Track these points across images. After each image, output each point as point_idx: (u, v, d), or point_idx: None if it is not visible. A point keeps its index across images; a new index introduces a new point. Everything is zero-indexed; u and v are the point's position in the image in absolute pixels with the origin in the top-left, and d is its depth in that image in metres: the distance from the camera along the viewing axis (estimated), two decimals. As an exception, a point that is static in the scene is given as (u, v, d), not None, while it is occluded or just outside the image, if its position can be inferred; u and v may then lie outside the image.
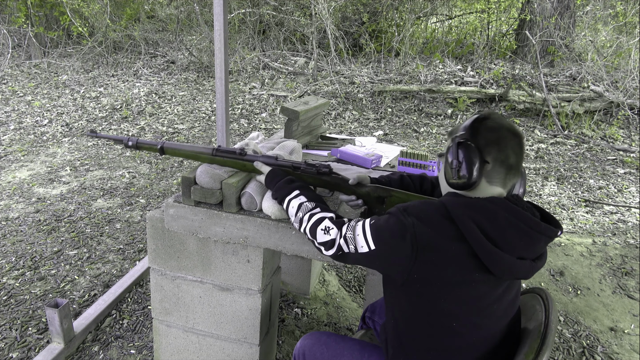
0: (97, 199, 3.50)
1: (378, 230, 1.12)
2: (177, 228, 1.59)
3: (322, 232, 1.23)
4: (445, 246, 1.04)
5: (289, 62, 7.08)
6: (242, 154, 1.49)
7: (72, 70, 6.68)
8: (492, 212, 1.04)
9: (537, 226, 1.04)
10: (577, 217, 3.62)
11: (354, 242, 1.17)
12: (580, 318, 2.50)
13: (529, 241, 1.05)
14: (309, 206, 1.30)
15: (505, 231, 1.03)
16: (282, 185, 1.37)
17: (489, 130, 1.09)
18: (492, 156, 1.08)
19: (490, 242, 1.02)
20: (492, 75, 6.22)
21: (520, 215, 1.04)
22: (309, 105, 2.16)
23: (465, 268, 1.05)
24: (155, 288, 1.80)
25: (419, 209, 1.09)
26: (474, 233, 1.02)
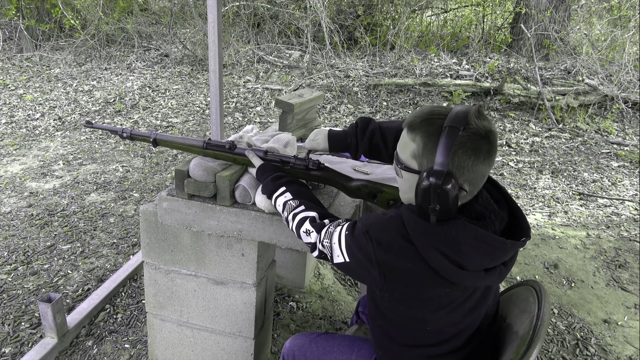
0: (90, 193, 3.47)
1: (350, 244, 1.09)
2: (170, 222, 1.57)
3: (304, 234, 1.22)
4: (409, 268, 1.01)
5: (284, 56, 7.04)
6: (231, 148, 1.47)
7: (64, 64, 6.61)
8: (454, 239, 0.97)
9: (503, 245, 0.99)
10: (572, 210, 3.63)
11: (330, 250, 1.15)
12: (574, 310, 2.51)
13: (495, 258, 1.01)
14: (292, 205, 1.27)
15: (470, 255, 0.98)
16: (269, 182, 1.34)
17: (467, 154, 0.96)
18: (469, 181, 1.00)
19: (454, 265, 0.98)
20: (487, 68, 6.21)
21: (485, 238, 0.97)
22: (303, 98, 2.14)
23: (433, 285, 1.03)
24: (148, 282, 1.79)
25: (379, 232, 1.03)
26: (436, 259, 0.98)
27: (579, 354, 2.22)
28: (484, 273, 1.02)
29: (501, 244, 0.98)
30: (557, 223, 3.41)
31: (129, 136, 1.53)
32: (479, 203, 1.05)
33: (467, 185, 1.00)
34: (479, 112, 1.00)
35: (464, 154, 0.96)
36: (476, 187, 1.02)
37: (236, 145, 1.49)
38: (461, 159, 0.96)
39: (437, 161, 0.95)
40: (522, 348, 1.14)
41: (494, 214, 1.05)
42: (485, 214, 1.04)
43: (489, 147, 0.98)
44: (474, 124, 0.97)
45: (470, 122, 0.97)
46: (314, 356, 1.33)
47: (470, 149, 0.96)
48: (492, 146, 0.99)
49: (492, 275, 1.03)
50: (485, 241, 0.97)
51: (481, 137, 0.97)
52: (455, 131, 0.95)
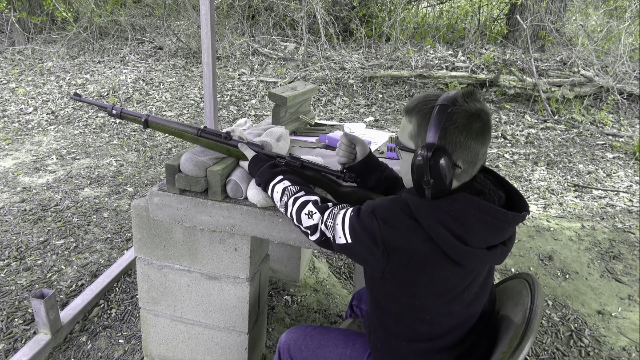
0: (84, 188, 3.45)
1: (354, 225, 1.10)
2: (162, 217, 1.56)
3: (306, 216, 1.21)
4: (414, 248, 1.03)
5: (279, 48, 6.99)
6: (227, 137, 1.46)
7: (57, 57, 6.55)
8: (458, 211, 1.00)
9: (505, 216, 1.01)
10: (566, 202, 3.64)
11: (333, 231, 1.15)
12: (569, 302, 2.52)
13: (498, 231, 1.03)
14: (293, 190, 1.27)
15: (473, 228, 1.00)
16: (265, 170, 1.34)
17: (458, 129, 1.00)
18: (463, 159, 1.02)
19: (459, 241, 1.00)
20: (483, 60, 6.19)
21: (488, 209, 1.00)
22: (297, 91, 2.12)
23: (435, 267, 1.04)
24: (141, 277, 1.78)
25: (385, 211, 1.06)
26: (441, 235, 1.00)
27: (572, 345, 2.23)
28: (486, 251, 1.03)
29: (503, 215, 1.01)
30: (552, 215, 3.42)
31: (119, 114, 1.51)
32: (478, 182, 1.08)
33: (462, 163, 1.02)
34: (471, 93, 1.03)
35: (455, 130, 0.99)
36: (471, 166, 1.04)
37: (231, 136, 1.48)
38: (452, 135, 0.99)
39: (428, 137, 1.00)
40: (516, 341, 1.14)
41: (492, 191, 1.08)
42: (485, 191, 1.07)
43: (480, 125, 1.01)
44: (463, 102, 1.01)
45: (459, 101, 1.01)
46: (309, 350, 1.32)
47: (461, 126, 0.99)
48: (485, 125, 1.02)
49: (494, 254, 1.05)
50: (488, 212, 1.00)
51: (471, 115, 1.00)
52: (445, 108, 0.99)
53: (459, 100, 1.01)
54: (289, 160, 1.42)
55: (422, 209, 1.03)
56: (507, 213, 1.01)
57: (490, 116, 1.06)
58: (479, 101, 1.03)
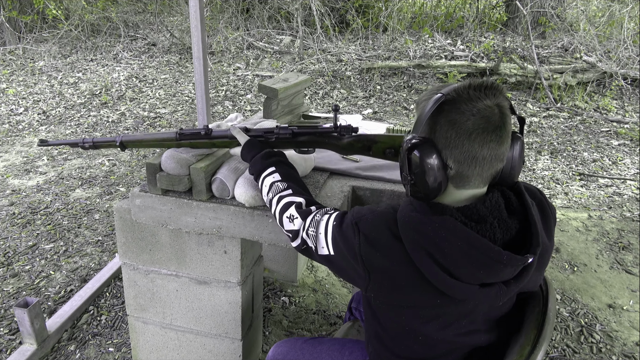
0: (75, 189, 3.35)
1: (336, 236, 0.99)
2: (145, 219, 1.46)
3: (287, 219, 1.12)
4: (395, 270, 0.91)
5: (275, 41, 6.87)
6: (207, 133, 1.36)
7: (48, 56, 6.43)
8: (442, 240, 0.85)
9: (498, 256, 0.85)
10: (572, 191, 3.53)
11: (315, 240, 1.05)
12: (578, 296, 2.42)
13: (490, 270, 0.87)
14: (280, 187, 1.18)
15: (458, 262, 0.86)
16: (258, 160, 1.24)
17: (450, 123, 0.87)
18: (454, 158, 0.88)
19: (444, 272, 0.87)
20: (483, 48, 6.06)
21: (476, 244, 0.85)
22: (288, 83, 2.02)
23: (419, 292, 0.92)
24: (128, 284, 1.68)
25: (370, 225, 0.94)
26: (424, 263, 0.87)
27: (583, 341, 2.14)
28: (479, 289, 0.89)
29: (496, 254, 0.85)
30: (557, 205, 3.31)
31: (92, 145, 1.40)
32: (485, 206, 0.92)
33: (452, 162, 0.89)
34: (484, 85, 0.88)
35: (446, 124, 0.88)
36: (466, 168, 0.89)
37: (212, 130, 1.38)
38: (442, 129, 0.88)
39: (417, 127, 0.90)
40: (527, 348, 1.04)
41: (499, 221, 0.91)
42: (487, 219, 0.90)
43: (481, 123, 0.86)
44: (463, 94, 0.87)
45: (458, 92, 0.88)
46: None
47: (454, 120, 0.87)
48: (490, 125, 0.86)
49: (488, 294, 0.90)
50: (475, 247, 0.85)
51: (470, 109, 0.86)
52: (439, 97, 0.88)
53: (458, 91, 0.88)
54: (278, 133, 1.33)
55: (409, 230, 0.89)
56: (500, 252, 0.85)
57: (505, 115, 0.88)
58: (492, 96, 0.87)
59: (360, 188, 1.50)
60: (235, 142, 1.37)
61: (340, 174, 1.57)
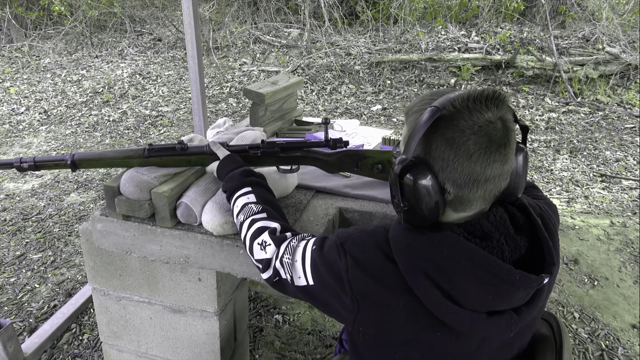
0: (70, 193, 3.25)
1: (316, 262, 0.86)
2: (108, 246, 1.32)
3: (259, 246, 0.98)
4: (388, 297, 0.78)
5: (282, 35, 6.68)
6: (183, 148, 1.21)
7: (54, 53, 6.36)
8: (444, 259, 0.75)
9: (509, 276, 0.74)
10: (593, 195, 3.30)
11: (290, 270, 0.91)
12: (598, 314, 2.22)
13: (500, 294, 0.75)
14: (253, 209, 1.04)
15: (463, 284, 0.74)
16: (235, 176, 1.11)
17: (447, 142, 0.75)
18: (453, 181, 0.77)
19: (447, 298, 0.74)
20: (499, 40, 5.79)
21: (484, 262, 0.74)
22: (277, 86, 1.85)
23: (415, 324, 0.79)
24: (99, 309, 1.55)
25: (358, 246, 0.81)
26: (423, 287, 0.75)
27: (604, 367, 1.95)
28: (486, 318, 0.76)
29: (507, 273, 0.74)
30: (576, 210, 3.09)
31: (32, 166, 1.22)
32: (489, 221, 0.81)
33: (451, 186, 0.77)
34: (484, 95, 0.75)
35: (443, 143, 0.75)
36: (466, 191, 0.78)
37: (188, 146, 1.23)
38: (439, 149, 0.76)
39: (409, 146, 0.77)
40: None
41: (506, 237, 0.80)
42: (493, 235, 0.79)
43: (483, 140, 0.74)
44: (462, 107, 0.75)
45: (456, 104, 0.75)
46: None
47: (450, 138, 0.75)
48: (493, 143, 0.74)
49: (497, 324, 0.77)
50: (483, 266, 0.74)
51: (468, 127, 0.74)
52: (434, 112, 0.75)
53: (456, 103, 0.75)
54: (265, 149, 1.22)
55: (402, 249, 0.78)
56: (512, 272, 0.74)
57: (508, 129, 0.76)
58: (494, 108, 0.75)
59: (348, 210, 1.33)
60: (213, 158, 1.22)
61: (326, 192, 1.40)
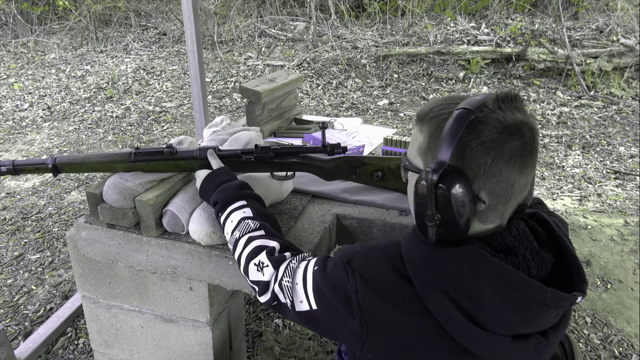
0: (71, 191, 3.21)
1: (319, 283, 0.79)
2: (93, 254, 1.26)
3: (255, 267, 0.91)
4: (403, 322, 0.71)
5: (288, 28, 6.59)
6: (172, 152, 1.14)
7: (59, 48, 6.33)
8: (467, 275, 0.69)
9: (540, 294, 0.68)
10: (606, 192, 3.19)
11: (291, 293, 0.84)
12: (611, 319, 2.13)
13: (528, 315, 0.69)
14: (250, 225, 0.96)
15: (487, 304, 0.68)
16: (230, 188, 1.03)
17: (484, 147, 0.69)
18: (489, 189, 0.71)
19: (468, 320, 0.67)
20: (509, 31, 5.64)
21: (513, 280, 0.68)
22: (275, 83, 1.77)
23: (435, 350, 0.71)
24: (89, 317, 1.50)
25: (368, 263, 0.74)
26: (442, 307, 0.68)
27: (617, 376, 1.86)
28: (511, 341, 0.69)
29: (537, 291, 0.68)
30: (589, 209, 2.98)
31: (11, 170, 1.13)
32: (512, 235, 0.76)
33: (486, 195, 0.72)
34: (510, 97, 0.72)
35: (480, 147, 0.70)
36: (502, 201, 0.73)
37: (177, 150, 1.16)
38: (475, 154, 0.70)
39: (439, 153, 0.71)
40: None
41: (531, 252, 0.75)
42: (518, 249, 0.74)
43: (519, 144, 0.70)
44: (495, 108, 0.71)
45: (488, 106, 0.71)
46: None
47: (489, 141, 0.69)
48: (528, 145, 0.71)
49: (524, 349, 0.71)
50: (511, 283, 0.68)
51: (506, 127, 0.70)
52: (466, 114, 0.70)
53: (488, 105, 0.71)
54: (258, 154, 1.14)
55: (419, 265, 0.71)
56: (543, 290, 0.68)
57: (536, 133, 0.72)
58: (521, 110, 0.72)
59: (345, 216, 1.26)
60: (203, 164, 1.15)
61: (323, 197, 1.32)
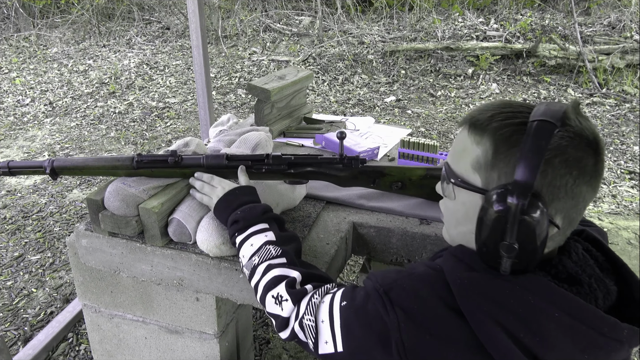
0: (72, 190, 3.14)
1: (350, 322, 0.70)
2: (95, 264, 1.19)
3: (273, 300, 0.83)
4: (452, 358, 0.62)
5: (293, 23, 6.49)
6: (177, 161, 1.07)
7: (61, 42, 6.26)
8: (531, 309, 0.60)
9: (615, 331, 0.60)
10: (621, 194, 3.10)
11: (313, 333, 0.75)
12: (631, 327, 2.05)
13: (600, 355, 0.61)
14: (272, 252, 0.88)
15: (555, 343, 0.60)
16: (256, 210, 0.95)
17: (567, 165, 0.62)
18: (565, 213, 0.64)
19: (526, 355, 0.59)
20: (519, 27, 5.53)
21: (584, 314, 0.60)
22: (285, 81, 1.69)
23: None
24: (91, 327, 1.43)
25: (409, 294, 0.66)
26: (500, 345, 0.60)
27: (640, 389, 1.78)
28: None
29: (612, 328, 0.60)
30: (604, 211, 2.90)
31: (7, 172, 1.09)
32: (572, 260, 0.68)
33: (560, 219, 0.64)
34: (577, 106, 0.66)
35: (563, 166, 0.62)
36: (572, 225, 0.67)
37: (182, 157, 1.08)
38: (557, 173, 0.62)
39: (518, 173, 0.61)
40: None
41: (596, 280, 0.67)
42: (582, 278, 0.66)
43: (600, 162, 0.64)
44: (576, 122, 0.63)
45: (571, 118, 0.63)
46: None
47: (573, 160, 0.62)
48: (600, 161, 0.65)
49: None
50: (583, 319, 0.60)
51: (588, 144, 0.63)
52: (549, 128, 0.61)
53: (570, 117, 0.63)
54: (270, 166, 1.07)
55: (473, 296, 0.63)
56: (619, 326, 0.60)
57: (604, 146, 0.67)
58: (589, 120, 0.66)
59: (363, 225, 1.18)
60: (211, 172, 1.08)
61: (338, 203, 1.25)
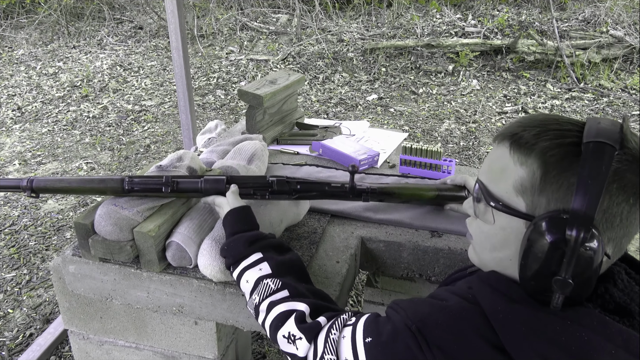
0: (47, 200, 2.99)
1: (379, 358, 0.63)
2: (83, 291, 1.09)
3: (285, 340, 0.75)
4: None
5: (270, 21, 6.38)
6: (173, 188, 0.96)
7: (28, 44, 5.99)
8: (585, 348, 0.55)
9: None
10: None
11: None
12: None
13: None
14: (271, 287, 0.81)
15: None
16: (239, 241, 0.87)
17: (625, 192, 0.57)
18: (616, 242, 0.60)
19: None
20: (496, 23, 5.56)
21: None
22: (277, 85, 1.61)
23: None
24: (78, 355, 1.33)
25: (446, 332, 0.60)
26: None
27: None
28: None
29: None
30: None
31: None
32: (619, 288, 0.64)
33: (611, 248, 0.60)
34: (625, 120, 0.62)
35: (621, 192, 0.58)
36: (620, 254, 0.63)
37: (178, 183, 0.97)
38: (614, 201, 0.58)
39: (577, 201, 0.56)
40: None
41: None
42: (632, 308, 0.62)
43: None
44: (633, 144, 0.59)
45: (628, 140, 0.59)
46: None
47: (631, 186, 0.58)
48: None
49: None
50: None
51: None
52: (610, 152, 0.56)
53: (628, 138, 0.59)
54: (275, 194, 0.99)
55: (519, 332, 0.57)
56: None
57: None
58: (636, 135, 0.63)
59: (371, 239, 1.11)
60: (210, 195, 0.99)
61: (344, 217, 1.18)
